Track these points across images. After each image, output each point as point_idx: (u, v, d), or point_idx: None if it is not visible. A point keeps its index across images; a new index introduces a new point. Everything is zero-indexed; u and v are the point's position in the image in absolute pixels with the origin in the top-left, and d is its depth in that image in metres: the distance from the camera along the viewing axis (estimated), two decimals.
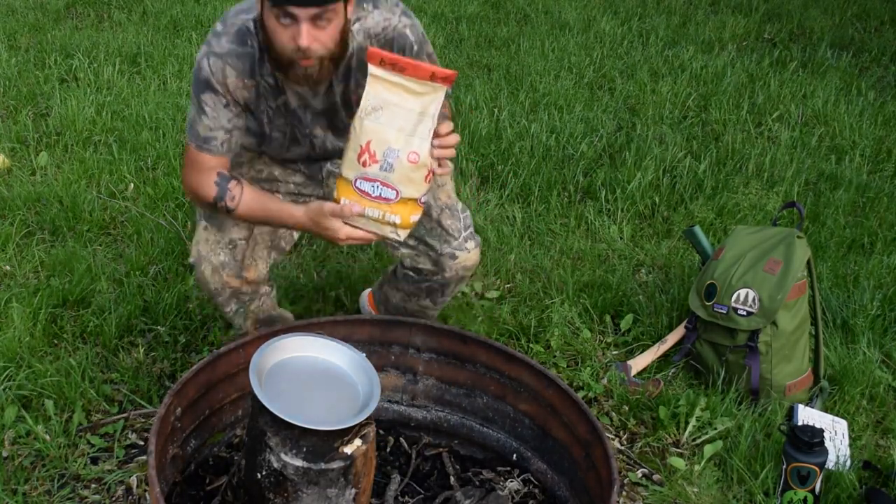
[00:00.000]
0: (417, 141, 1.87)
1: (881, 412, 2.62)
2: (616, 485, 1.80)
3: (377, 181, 1.88)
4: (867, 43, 5.66)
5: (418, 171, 1.88)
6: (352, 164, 1.90)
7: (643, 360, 2.70)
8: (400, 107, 1.87)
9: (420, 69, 1.85)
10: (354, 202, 1.91)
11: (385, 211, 1.91)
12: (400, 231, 1.95)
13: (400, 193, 1.89)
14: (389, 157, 1.86)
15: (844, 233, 3.46)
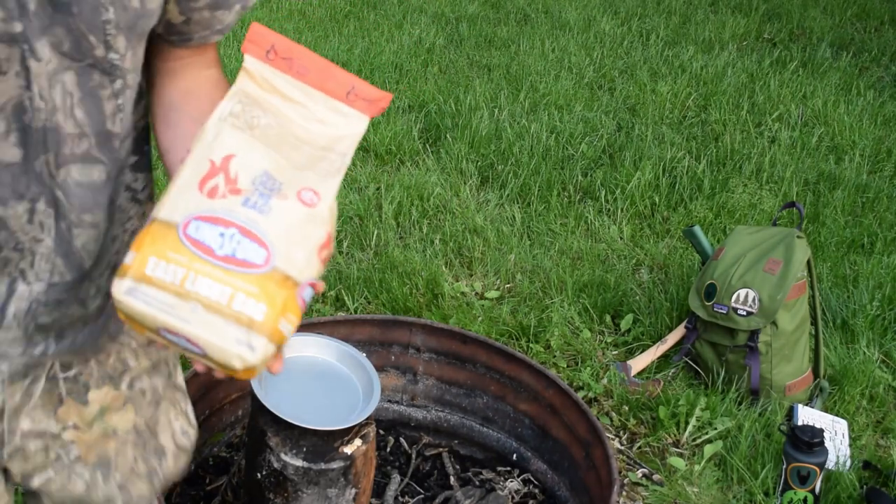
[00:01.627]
0: (315, 177, 1.03)
1: (881, 412, 2.62)
2: (616, 485, 1.80)
3: (233, 226, 0.97)
4: (867, 43, 5.66)
5: (313, 227, 1.00)
6: (185, 192, 0.98)
7: (643, 360, 2.70)
8: (291, 124, 1.06)
9: (332, 78, 1.08)
10: (172, 263, 0.94)
11: (237, 289, 0.95)
12: (255, 341, 0.94)
13: (272, 258, 0.96)
14: (264, 187, 1.00)
15: (844, 233, 3.46)
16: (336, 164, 1.05)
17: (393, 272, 2.96)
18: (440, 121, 4.18)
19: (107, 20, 0.95)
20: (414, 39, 5.32)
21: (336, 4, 5.83)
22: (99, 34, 0.95)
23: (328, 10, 5.75)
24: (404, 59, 4.97)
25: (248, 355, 0.93)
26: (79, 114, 0.98)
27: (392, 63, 4.90)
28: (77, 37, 0.94)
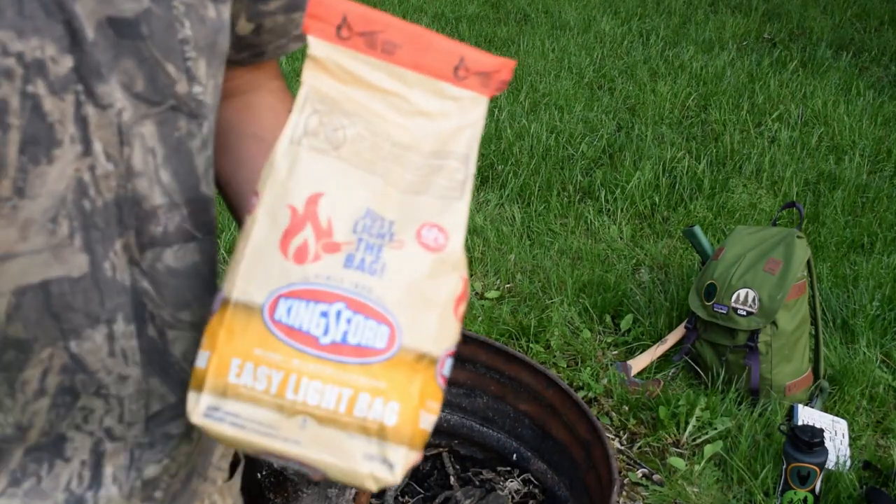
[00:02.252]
0: (434, 202, 0.73)
1: (881, 412, 2.62)
2: (616, 485, 1.80)
3: (338, 299, 0.69)
4: (867, 43, 5.66)
5: (444, 277, 0.72)
6: (262, 258, 0.70)
7: (643, 360, 2.71)
8: (388, 126, 0.77)
9: (432, 51, 0.77)
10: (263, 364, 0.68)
11: (357, 388, 0.68)
12: (391, 454, 0.68)
13: (398, 335, 0.69)
14: (371, 233, 0.71)
15: (844, 233, 3.46)
16: (458, 175, 0.74)
17: None
18: None
19: (184, 39, 0.72)
20: None
21: None
22: (178, 60, 0.72)
23: None
24: None
25: (385, 474, 0.67)
26: (165, 177, 0.74)
27: None
28: (152, 68, 0.70)
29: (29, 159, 0.65)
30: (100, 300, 0.72)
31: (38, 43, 0.64)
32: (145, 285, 0.75)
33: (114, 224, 0.72)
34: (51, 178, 0.67)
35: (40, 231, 0.68)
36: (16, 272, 0.68)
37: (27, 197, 0.66)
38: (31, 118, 0.65)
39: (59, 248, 0.69)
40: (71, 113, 0.66)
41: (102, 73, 0.67)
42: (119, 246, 0.72)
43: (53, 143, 0.66)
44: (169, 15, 0.71)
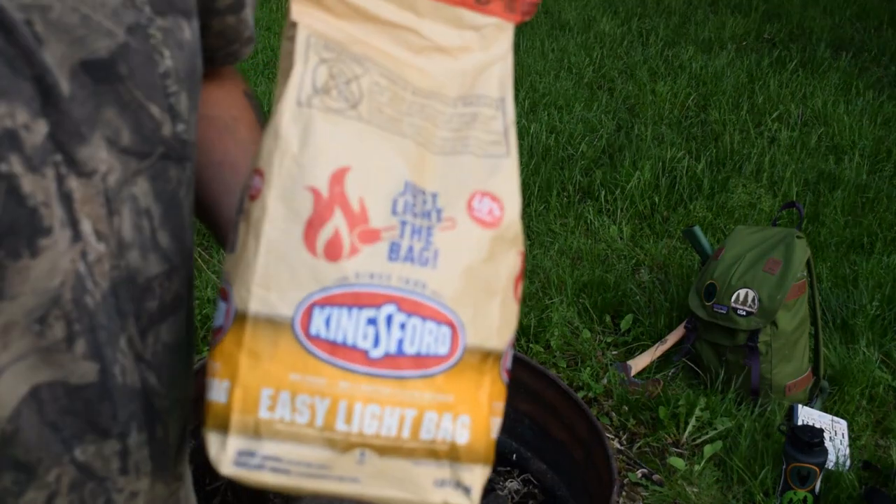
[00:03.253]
0: (479, 163, 0.60)
1: (881, 412, 2.62)
2: (616, 485, 1.80)
3: (387, 300, 0.55)
4: (867, 43, 5.67)
5: (503, 255, 0.59)
6: (283, 258, 0.55)
7: (643, 361, 2.71)
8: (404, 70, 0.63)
9: None
10: (302, 392, 0.54)
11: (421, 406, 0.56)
12: (466, 476, 0.57)
13: (461, 335, 0.57)
14: (414, 213, 0.57)
15: (844, 233, 3.46)
16: (496, 124, 0.61)
17: None
18: None
19: (165, 72, 0.62)
20: None
21: None
22: (160, 98, 0.62)
23: None
24: None
25: (460, 500, 0.57)
26: (164, 240, 0.64)
27: None
28: (136, 114, 0.60)
29: (6, 253, 0.54)
30: (112, 413, 0.62)
31: (6, 109, 0.53)
32: (152, 381, 0.65)
33: (115, 317, 0.61)
34: (35, 273, 0.56)
35: (24, 335, 0.57)
36: (6, 392, 0.57)
37: (6, 298, 0.55)
38: (7, 204, 0.54)
39: (49, 352, 0.58)
40: (54, 191, 0.56)
41: (83, 132, 0.57)
42: (124, 342, 0.62)
43: (38, 231, 0.55)
44: (146, 47, 0.60)
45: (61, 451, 0.61)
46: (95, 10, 0.57)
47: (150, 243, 0.63)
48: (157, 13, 0.61)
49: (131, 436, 0.64)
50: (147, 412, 0.65)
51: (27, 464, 0.60)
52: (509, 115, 0.62)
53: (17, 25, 0.53)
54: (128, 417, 0.63)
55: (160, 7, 0.62)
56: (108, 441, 0.63)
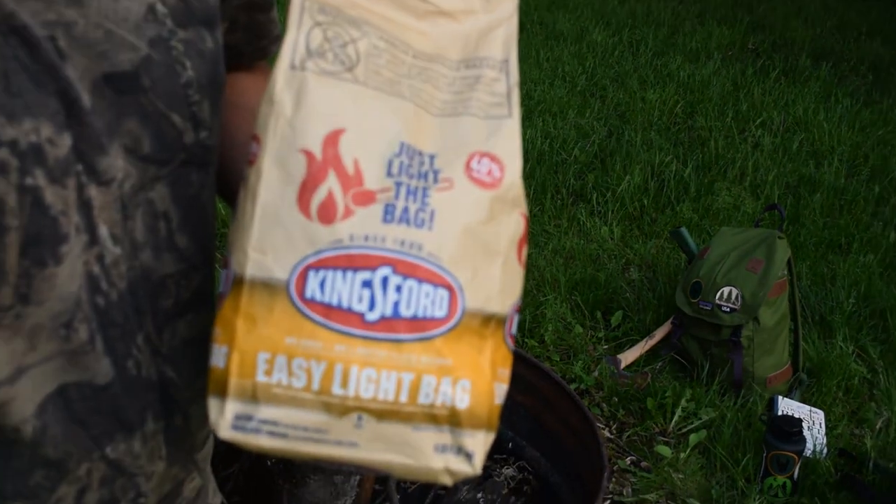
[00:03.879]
0: (480, 124, 0.56)
1: (856, 403, 2.63)
2: (606, 471, 1.81)
3: (382, 262, 0.52)
4: (846, 53, 5.67)
5: (504, 216, 0.56)
6: (278, 221, 0.53)
7: (632, 354, 2.71)
8: (405, 33, 0.59)
9: None
10: (298, 356, 0.52)
11: (419, 370, 0.52)
12: (467, 441, 0.54)
13: (460, 298, 0.53)
14: (410, 174, 0.54)
15: (822, 234, 3.47)
16: (499, 86, 0.58)
17: None
18: None
19: (187, 82, 0.61)
20: None
21: None
22: (182, 108, 0.60)
23: None
24: None
25: (463, 466, 0.54)
26: (182, 241, 0.63)
27: None
28: (157, 123, 0.59)
29: (32, 262, 0.54)
30: (129, 405, 0.61)
31: (31, 125, 0.52)
32: (170, 374, 0.64)
33: (132, 315, 0.60)
34: (60, 279, 0.55)
35: (51, 338, 0.56)
36: (30, 389, 0.57)
37: (32, 303, 0.55)
38: (31, 215, 0.53)
39: (76, 354, 0.58)
40: (73, 200, 0.55)
41: (103, 143, 0.56)
42: (141, 339, 0.61)
43: (59, 239, 0.54)
44: (168, 58, 0.59)
45: (91, 447, 0.61)
46: (118, 24, 0.56)
47: (166, 244, 0.61)
48: (178, 25, 0.60)
49: (147, 424, 0.64)
50: (164, 402, 0.64)
51: (56, 460, 0.59)
52: (513, 77, 0.58)
53: (40, 42, 0.52)
54: (143, 408, 0.63)
55: (182, 19, 0.60)
56: (134, 435, 0.62)
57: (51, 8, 0.53)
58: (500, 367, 0.55)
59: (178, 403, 0.66)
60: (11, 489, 0.58)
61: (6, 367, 0.55)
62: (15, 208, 0.52)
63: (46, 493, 0.60)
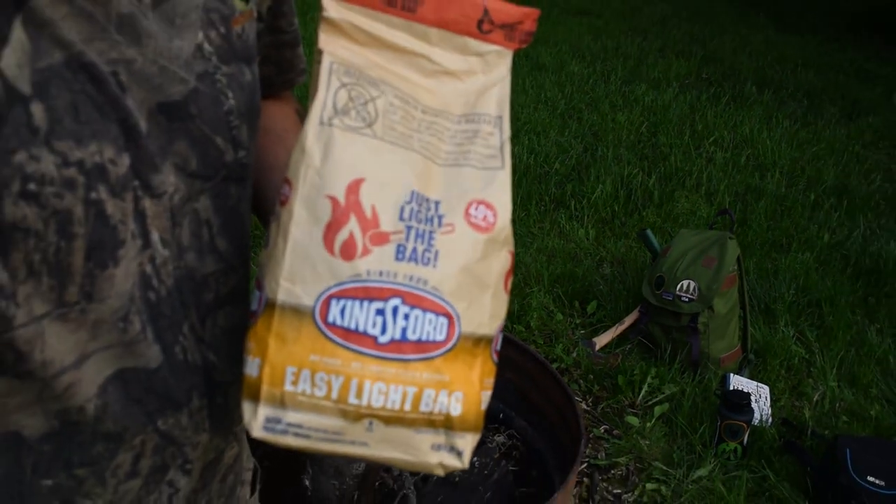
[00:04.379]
0: (476, 174, 0.57)
1: (796, 379, 2.61)
2: (583, 438, 1.79)
3: (393, 294, 0.53)
4: (785, 81, 5.65)
5: (495, 255, 0.57)
6: (307, 256, 0.53)
7: (605, 338, 2.70)
8: (416, 91, 0.59)
9: (454, 3, 0.59)
10: (320, 370, 0.53)
11: (422, 384, 0.54)
12: (458, 441, 0.56)
13: (458, 325, 0.55)
14: (419, 219, 0.54)
15: (767, 235, 3.45)
16: (493, 140, 0.58)
17: None
18: None
19: (229, 110, 0.61)
20: None
21: None
22: (225, 132, 0.61)
23: None
24: None
25: (453, 461, 0.56)
26: (222, 244, 0.64)
27: None
28: (203, 145, 0.60)
29: (95, 265, 0.55)
30: (177, 386, 0.62)
31: (96, 147, 0.53)
32: (212, 358, 0.64)
33: (178, 308, 0.61)
34: (118, 279, 0.56)
35: (111, 330, 0.57)
36: (93, 372, 0.58)
37: (95, 300, 0.56)
38: (95, 224, 0.54)
39: (132, 343, 0.59)
40: (131, 210, 0.56)
41: (156, 163, 0.57)
42: (186, 328, 0.62)
43: (117, 244, 0.56)
44: (214, 90, 0.60)
45: (145, 421, 0.61)
46: (171, 61, 0.57)
47: (208, 247, 0.62)
48: (222, 62, 0.61)
49: (192, 402, 0.64)
50: (208, 383, 0.65)
51: (115, 433, 0.60)
52: (505, 132, 0.59)
53: (105, 77, 0.53)
54: (189, 388, 0.63)
55: (225, 57, 0.61)
56: (182, 411, 0.63)
57: (114, 48, 0.53)
58: (486, 378, 0.57)
59: (219, 384, 0.66)
60: (77, 459, 0.59)
61: (72, 354, 0.56)
62: (82, 218, 0.53)
63: (106, 461, 0.61)
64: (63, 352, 0.56)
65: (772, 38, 6.83)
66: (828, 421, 2.40)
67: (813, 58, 6.30)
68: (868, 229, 3.56)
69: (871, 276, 3.18)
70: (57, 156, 0.51)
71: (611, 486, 2.16)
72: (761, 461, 2.21)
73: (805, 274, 3.13)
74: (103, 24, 0.53)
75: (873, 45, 6.80)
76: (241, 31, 0.63)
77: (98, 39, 0.53)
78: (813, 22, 7.45)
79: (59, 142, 0.51)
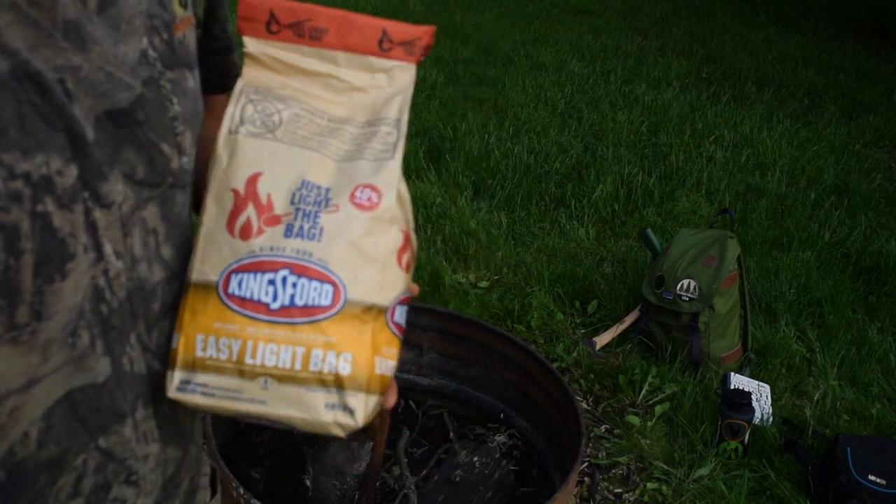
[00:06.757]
0: (369, 165, 0.65)
1: (797, 378, 2.61)
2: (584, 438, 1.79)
3: (282, 266, 0.61)
4: (785, 80, 5.65)
5: (382, 232, 0.64)
6: (213, 240, 0.63)
7: (606, 337, 2.70)
8: (325, 104, 0.69)
9: (356, 30, 0.69)
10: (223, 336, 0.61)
11: (309, 345, 0.60)
12: (351, 400, 0.61)
13: (343, 291, 0.61)
14: (307, 202, 0.63)
15: (767, 234, 3.46)
16: (391, 137, 0.66)
17: None
18: (441, 144, 4.17)
19: (174, 116, 0.62)
20: (419, 78, 5.30)
21: None
22: (170, 138, 0.62)
23: None
24: None
25: (347, 420, 0.60)
26: (167, 252, 0.64)
27: None
28: (150, 152, 0.60)
29: (43, 280, 0.54)
30: (123, 396, 0.61)
31: (42, 159, 0.52)
32: (157, 367, 0.64)
33: (129, 319, 0.61)
34: (66, 292, 0.55)
35: (61, 348, 0.56)
36: (41, 396, 0.56)
37: (45, 318, 0.54)
38: (42, 238, 0.53)
39: (81, 358, 0.57)
40: (81, 222, 0.55)
41: (104, 171, 0.56)
42: (133, 338, 0.61)
43: (66, 257, 0.54)
44: (159, 96, 0.60)
45: (88, 440, 0.60)
46: (117, 67, 0.56)
47: (155, 255, 0.62)
48: (166, 68, 0.61)
49: (138, 411, 0.63)
50: (153, 392, 0.64)
51: (57, 456, 0.58)
52: (402, 131, 0.67)
53: (51, 85, 0.52)
54: (135, 398, 0.63)
55: (169, 62, 0.61)
56: (125, 423, 0.62)
57: (60, 55, 0.53)
58: (384, 346, 0.63)
59: (164, 392, 0.65)
60: (23, 500, 0.58)
61: (20, 378, 0.55)
62: (28, 233, 0.52)
63: (49, 489, 0.59)
64: (10, 376, 0.54)
65: (772, 37, 6.83)
66: (828, 420, 2.40)
67: (813, 57, 6.30)
68: (868, 228, 3.56)
69: (872, 274, 3.18)
70: (2, 168, 0.50)
71: (612, 486, 2.16)
72: (762, 460, 2.21)
73: (805, 273, 3.13)
74: (49, 30, 0.52)
75: (874, 43, 6.80)
76: (183, 37, 0.63)
77: (44, 46, 0.52)
78: (813, 21, 7.45)
79: (5, 154, 0.50)
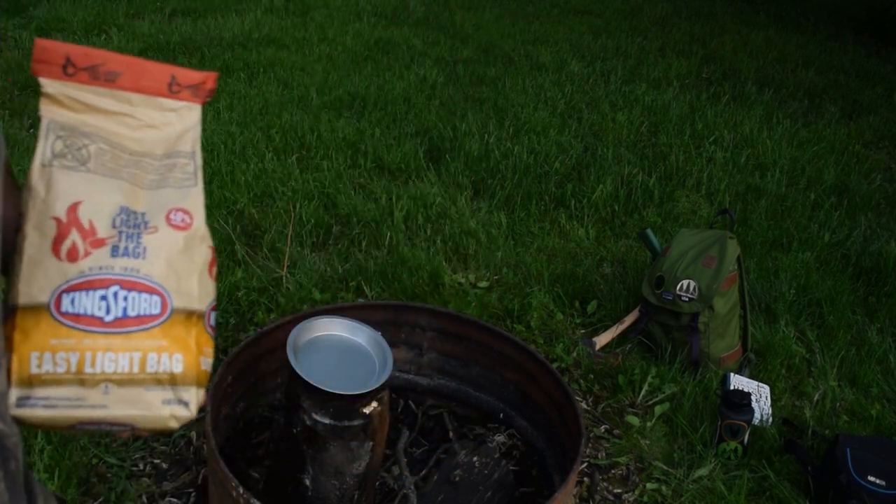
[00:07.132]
0: (176, 192, 0.75)
1: (797, 378, 2.61)
2: (583, 438, 1.79)
3: (112, 283, 0.69)
4: (785, 81, 5.65)
5: (196, 249, 0.74)
6: (39, 265, 0.68)
7: (605, 338, 2.70)
8: (124, 140, 0.77)
9: (147, 74, 0.76)
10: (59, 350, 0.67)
11: (145, 350, 0.70)
12: (184, 394, 0.72)
13: (169, 301, 0.72)
14: (128, 225, 0.72)
15: (767, 234, 3.45)
16: (189, 168, 0.77)
17: (403, 266, 2.96)
18: (441, 144, 4.17)
19: None
20: (420, 78, 5.30)
21: (357, 50, 5.82)
22: None
23: (350, 55, 5.73)
24: (412, 94, 4.96)
25: (182, 411, 0.70)
26: None
27: (402, 97, 4.88)
28: None
29: None
30: None
31: None
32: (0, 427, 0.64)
33: None
34: None
35: None
36: None
37: None
38: None
39: None
40: None
41: None
42: None
43: None
44: None
45: None
46: None
47: None
48: None
49: None
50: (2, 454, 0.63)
51: None
52: (198, 162, 0.79)
53: None
54: None
55: None
56: None
57: None
58: (204, 347, 0.73)
59: (10, 451, 0.66)
60: None
61: None
62: None
63: None
64: None
65: (772, 37, 6.83)
66: (828, 420, 2.40)
67: (813, 57, 6.30)
68: (868, 229, 3.56)
69: (872, 275, 3.18)
70: None
71: (611, 486, 2.16)
72: (762, 461, 2.21)
73: (805, 273, 3.13)
74: None
75: (874, 44, 6.80)
76: None
77: None
78: (813, 21, 7.45)
79: None
